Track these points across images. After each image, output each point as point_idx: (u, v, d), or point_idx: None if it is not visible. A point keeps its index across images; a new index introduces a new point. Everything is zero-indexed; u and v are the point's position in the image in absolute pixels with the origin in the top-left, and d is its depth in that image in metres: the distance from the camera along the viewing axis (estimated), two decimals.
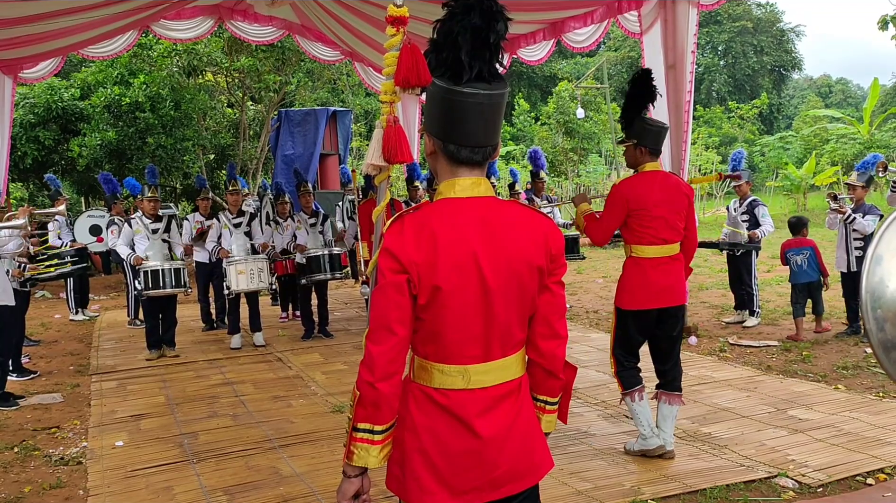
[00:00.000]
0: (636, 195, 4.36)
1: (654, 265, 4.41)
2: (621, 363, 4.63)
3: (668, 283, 4.43)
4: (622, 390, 4.63)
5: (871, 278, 1.71)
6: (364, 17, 8.83)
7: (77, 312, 10.99)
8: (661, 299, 4.43)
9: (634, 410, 4.60)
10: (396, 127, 2.06)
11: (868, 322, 1.73)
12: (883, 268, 1.72)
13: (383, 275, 1.87)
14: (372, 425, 1.90)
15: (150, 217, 7.99)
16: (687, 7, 7.43)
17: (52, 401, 6.55)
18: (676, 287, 4.47)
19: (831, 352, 7.12)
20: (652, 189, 4.35)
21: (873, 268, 1.72)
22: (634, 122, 4.44)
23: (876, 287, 1.71)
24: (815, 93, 57.37)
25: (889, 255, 1.73)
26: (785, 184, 26.93)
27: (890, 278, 1.73)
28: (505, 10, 1.86)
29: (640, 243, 4.43)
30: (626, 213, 4.38)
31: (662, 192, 4.36)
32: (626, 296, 4.50)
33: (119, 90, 15.07)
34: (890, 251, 1.73)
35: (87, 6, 7.35)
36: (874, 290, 1.71)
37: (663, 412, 4.62)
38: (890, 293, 1.72)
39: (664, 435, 4.59)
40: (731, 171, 8.95)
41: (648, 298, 4.42)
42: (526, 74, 41.21)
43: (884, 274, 1.72)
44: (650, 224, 4.36)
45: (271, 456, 4.92)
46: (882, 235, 1.73)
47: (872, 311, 1.72)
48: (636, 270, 4.47)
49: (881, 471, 4.26)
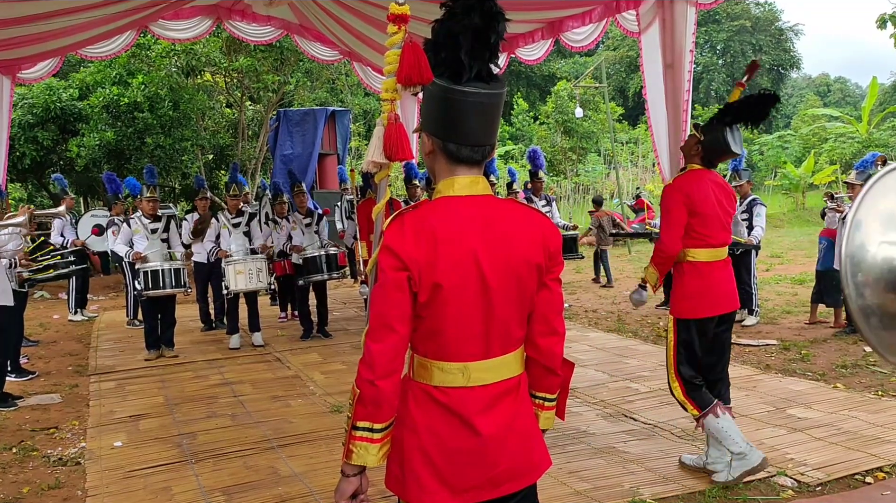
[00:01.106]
0: (698, 194, 4.11)
1: (713, 269, 4.21)
2: (689, 382, 4.25)
3: (729, 288, 4.27)
4: (698, 412, 4.20)
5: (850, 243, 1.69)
6: (363, 16, 8.81)
7: (76, 312, 10.97)
8: (724, 304, 4.23)
9: (721, 428, 4.13)
10: (398, 125, 2.05)
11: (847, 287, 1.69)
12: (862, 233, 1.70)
13: (384, 273, 1.87)
14: (371, 423, 1.90)
15: (149, 217, 7.98)
16: (685, 6, 7.42)
17: (50, 401, 6.54)
18: (734, 290, 4.31)
19: (830, 350, 7.12)
20: (707, 189, 4.16)
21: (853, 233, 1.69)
22: (719, 127, 4.19)
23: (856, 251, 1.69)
24: (813, 92, 57.40)
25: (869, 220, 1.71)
26: (784, 183, 26.97)
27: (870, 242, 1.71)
28: (503, 11, 1.86)
29: (697, 246, 4.19)
30: (689, 211, 4.13)
31: (715, 192, 4.19)
32: (686, 303, 4.22)
33: (117, 90, 15.07)
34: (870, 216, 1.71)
35: (85, 6, 7.33)
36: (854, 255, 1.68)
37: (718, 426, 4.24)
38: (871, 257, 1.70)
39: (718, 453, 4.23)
40: (732, 171, 8.96)
41: (713, 304, 4.19)
42: (525, 74, 41.18)
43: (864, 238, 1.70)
44: (707, 225, 4.16)
45: (270, 456, 4.91)
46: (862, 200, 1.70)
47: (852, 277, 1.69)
48: (696, 275, 4.21)
49: (880, 470, 4.27)
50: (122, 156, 15.37)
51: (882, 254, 1.70)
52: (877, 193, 1.71)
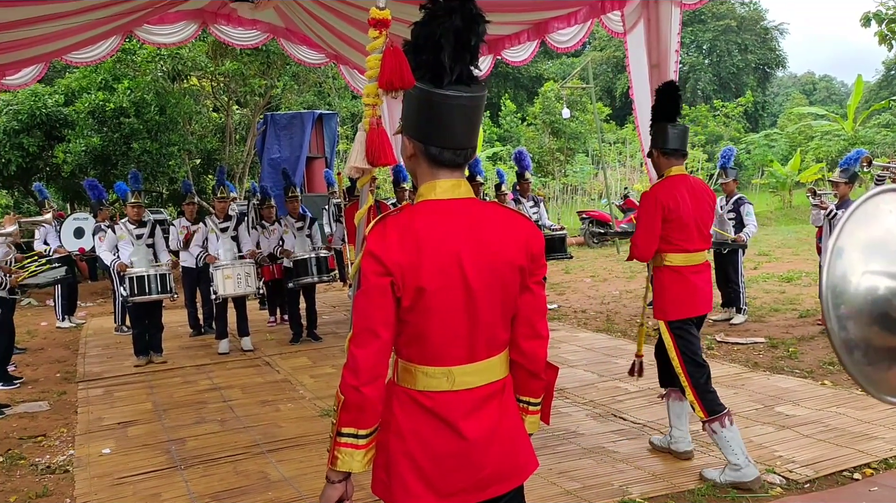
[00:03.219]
0: (673, 201, 4.20)
1: (692, 272, 4.33)
2: (699, 384, 4.28)
3: (707, 290, 4.41)
4: (705, 416, 4.20)
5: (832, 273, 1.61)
6: (348, 19, 8.81)
7: (64, 319, 10.91)
8: (702, 306, 4.38)
9: (725, 438, 4.15)
10: (380, 129, 2.05)
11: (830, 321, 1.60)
12: (844, 262, 1.62)
13: (366, 279, 1.86)
14: (356, 429, 1.90)
15: (135, 223, 7.94)
16: (670, 6, 7.45)
17: (38, 409, 6.50)
18: (710, 293, 4.47)
19: (817, 348, 7.16)
20: (683, 195, 4.23)
21: (834, 261, 1.61)
22: (658, 126, 4.35)
23: (838, 282, 1.61)
24: (799, 90, 57.71)
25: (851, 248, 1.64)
26: (770, 181, 27.11)
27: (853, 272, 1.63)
28: (484, 13, 1.87)
29: (674, 251, 4.30)
30: (663, 219, 4.22)
31: (692, 198, 4.26)
32: (673, 306, 4.33)
33: (103, 96, 14.99)
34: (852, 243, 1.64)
35: (70, 12, 7.30)
36: (836, 286, 1.61)
37: (676, 410, 4.56)
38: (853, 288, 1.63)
39: (681, 433, 4.54)
40: (720, 168, 9.01)
41: (694, 306, 4.34)
42: (512, 75, 41.23)
43: (846, 268, 1.63)
44: (683, 231, 4.25)
45: (259, 461, 4.90)
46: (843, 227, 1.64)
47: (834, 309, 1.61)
48: (677, 279, 4.31)
49: (867, 466, 4.29)
50: (108, 161, 15.28)
51: (865, 285, 1.65)
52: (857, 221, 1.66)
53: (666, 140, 4.30)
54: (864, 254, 1.66)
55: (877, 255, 1.68)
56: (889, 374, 1.72)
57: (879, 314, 1.65)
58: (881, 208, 1.71)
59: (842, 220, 1.66)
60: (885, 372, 1.71)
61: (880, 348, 1.69)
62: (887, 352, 1.70)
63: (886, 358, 1.71)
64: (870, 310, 1.65)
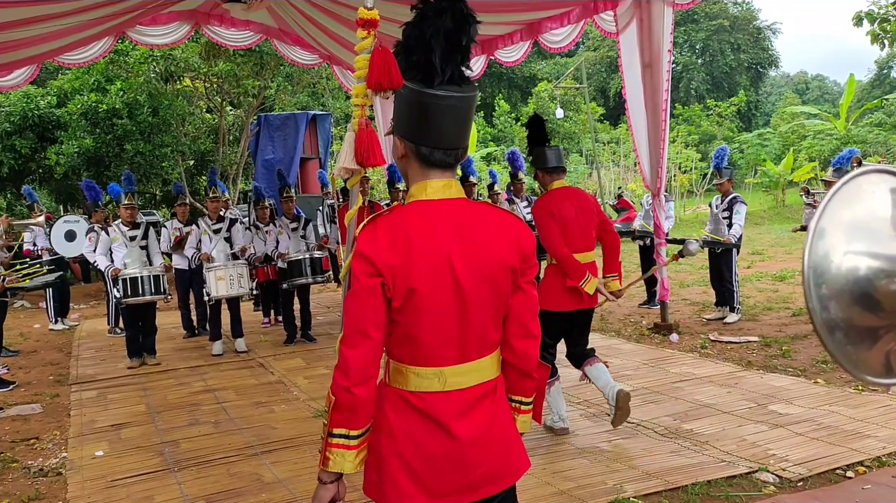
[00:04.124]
0: (557, 209, 4.78)
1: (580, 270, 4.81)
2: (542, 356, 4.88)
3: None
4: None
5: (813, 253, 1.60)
6: (340, 19, 8.81)
7: (56, 322, 10.88)
8: (582, 301, 4.85)
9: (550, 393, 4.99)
10: (368, 130, 2.05)
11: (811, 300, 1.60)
12: (826, 243, 1.62)
13: (357, 279, 1.86)
14: (348, 430, 1.90)
15: (128, 224, 7.91)
16: (662, 6, 7.48)
17: (31, 411, 6.48)
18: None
19: (811, 346, 7.17)
20: (565, 204, 4.83)
21: (816, 243, 1.60)
22: (536, 150, 4.98)
23: (819, 262, 1.61)
24: (792, 89, 57.92)
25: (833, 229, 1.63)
26: (763, 180, 27.19)
27: (835, 252, 1.63)
28: (475, 14, 1.87)
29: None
30: (556, 223, 4.78)
31: (574, 206, 4.85)
32: (548, 297, 4.78)
33: (96, 97, 14.96)
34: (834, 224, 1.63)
35: (62, 13, 7.28)
36: (817, 266, 1.61)
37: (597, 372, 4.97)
38: (835, 268, 1.62)
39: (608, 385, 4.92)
40: (714, 169, 9.02)
41: (570, 301, 4.84)
42: (506, 75, 41.23)
43: (828, 248, 1.62)
44: (566, 236, 4.79)
45: (253, 462, 4.89)
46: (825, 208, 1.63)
47: (816, 289, 1.60)
48: (558, 276, 4.86)
49: (860, 464, 4.30)
50: (101, 163, 15.26)
51: (847, 265, 1.65)
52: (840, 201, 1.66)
53: (546, 161, 4.95)
54: (846, 235, 1.67)
55: (859, 236, 1.68)
56: (869, 354, 1.72)
57: (861, 294, 1.66)
58: (864, 189, 1.71)
59: (824, 201, 1.66)
60: (866, 351, 1.72)
61: (861, 328, 1.70)
62: (868, 331, 1.71)
63: (867, 337, 1.71)
64: (851, 290, 1.65)
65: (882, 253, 1.68)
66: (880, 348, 1.73)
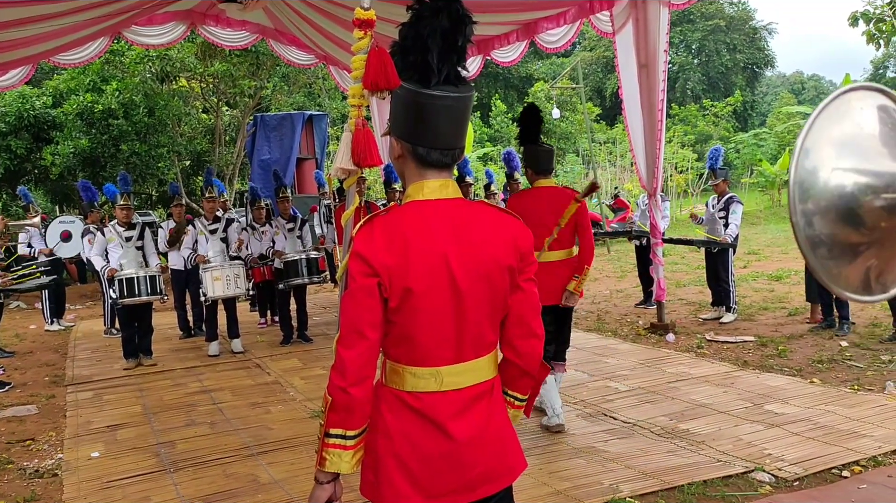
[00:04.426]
0: (523, 208, 4.86)
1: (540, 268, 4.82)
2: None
3: (553, 285, 4.96)
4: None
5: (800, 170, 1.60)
6: (337, 20, 8.80)
7: (52, 322, 10.85)
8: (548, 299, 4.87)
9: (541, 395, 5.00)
10: (365, 130, 2.05)
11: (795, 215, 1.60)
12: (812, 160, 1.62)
13: (354, 280, 1.86)
14: (344, 430, 1.89)
15: (124, 225, 7.89)
16: (658, 7, 7.50)
17: (26, 412, 6.46)
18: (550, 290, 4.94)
19: (806, 346, 7.19)
20: (539, 203, 4.98)
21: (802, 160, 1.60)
22: (527, 147, 5.11)
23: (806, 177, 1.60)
24: (788, 89, 58.01)
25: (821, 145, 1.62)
26: (759, 180, 27.23)
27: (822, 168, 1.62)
28: (471, 14, 1.86)
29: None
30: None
31: (548, 205, 4.98)
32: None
33: (91, 97, 14.92)
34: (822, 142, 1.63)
35: (57, 13, 7.27)
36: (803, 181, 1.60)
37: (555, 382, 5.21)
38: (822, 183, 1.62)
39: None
40: (709, 170, 9.04)
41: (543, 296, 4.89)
42: (502, 76, 41.24)
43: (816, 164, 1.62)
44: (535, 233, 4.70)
45: (249, 463, 4.89)
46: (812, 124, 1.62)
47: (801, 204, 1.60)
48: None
49: (856, 464, 4.31)
50: (97, 163, 15.22)
51: (834, 181, 1.64)
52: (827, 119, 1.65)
53: (538, 163, 5.10)
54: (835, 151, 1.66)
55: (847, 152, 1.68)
56: (849, 269, 1.73)
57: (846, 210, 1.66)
58: (853, 105, 1.71)
59: (811, 117, 1.65)
60: (846, 267, 1.73)
61: (844, 244, 1.70)
62: (850, 247, 1.72)
63: (848, 253, 1.72)
64: (836, 206, 1.65)
65: (870, 169, 1.68)
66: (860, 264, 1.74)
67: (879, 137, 1.72)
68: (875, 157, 1.69)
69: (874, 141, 1.72)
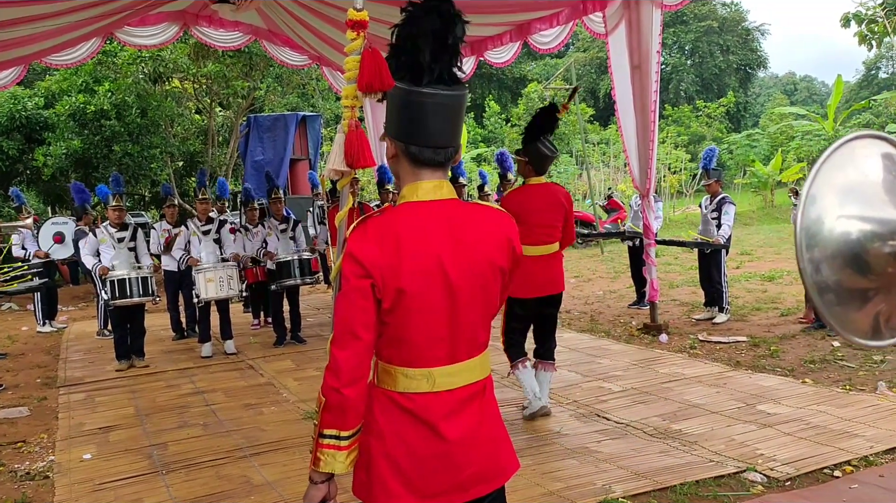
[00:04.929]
0: (518, 205, 5.01)
1: (536, 262, 5.08)
2: (508, 343, 5.40)
3: (549, 277, 5.22)
4: (510, 362, 5.42)
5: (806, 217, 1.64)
6: (330, 20, 8.80)
7: (44, 324, 10.81)
8: (544, 289, 5.21)
9: (519, 377, 5.42)
10: (358, 131, 2.05)
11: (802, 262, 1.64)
12: (818, 207, 1.66)
13: (347, 281, 1.86)
14: (338, 431, 1.90)
15: (116, 226, 7.87)
16: (651, 8, 7.51)
17: (18, 414, 6.43)
18: (554, 279, 5.26)
19: (799, 346, 7.21)
20: (533, 199, 5.13)
21: (808, 208, 1.64)
22: (532, 142, 5.15)
23: (811, 225, 1.65)
24: (780, 90, 58.25)
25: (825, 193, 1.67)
26: (752, 181, 27.32)
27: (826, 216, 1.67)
28: (462, 14, 1.87)
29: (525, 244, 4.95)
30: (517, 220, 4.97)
31: (543, 201, 5.14)
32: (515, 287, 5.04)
33: (84, 98, 14.88)
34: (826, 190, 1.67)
35: (50, 14, 7.25)
36: (809, 229, 1.64)
37: (541, 378, 5.43)
38: (827, 231, 1.66)
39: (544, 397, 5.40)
40: (702, 170, 9.06)
41: (533, 288, 5.15)
42: (496, 76, 41.30)
43: (820, 212, 1.66)
44: (530, 229, 4.96)
45: (242, 464, 4.88)
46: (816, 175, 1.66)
47: (808, 251, 1.64)
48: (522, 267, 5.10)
49: (848, 464, 4.32)
50: (89, 164, 15.17)
51: (839, 229, 1.67)
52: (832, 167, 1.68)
53: (542, 164, 5.24)
54: (838, 199, 1.70)
55: (851, 200, 1.72)
56: (858, 315, 1.76)
57: (852, 256, 1.69)
58: (857, 153, 1.74)
59: (817, 164, 1.68)
60: (855, 312, 1.75)
61: (852, 290, 1.73)
62: (858, 293, 1.75)
63: (857, 299, 1.75)
64: (843, 252, 1.68)
65: (874, 216, 1.71)
66: (869, 310, 1.76)
67: (883, 185, 1.75)
68: (879, 205, 1.72)
69: (878, 188, 1.75)
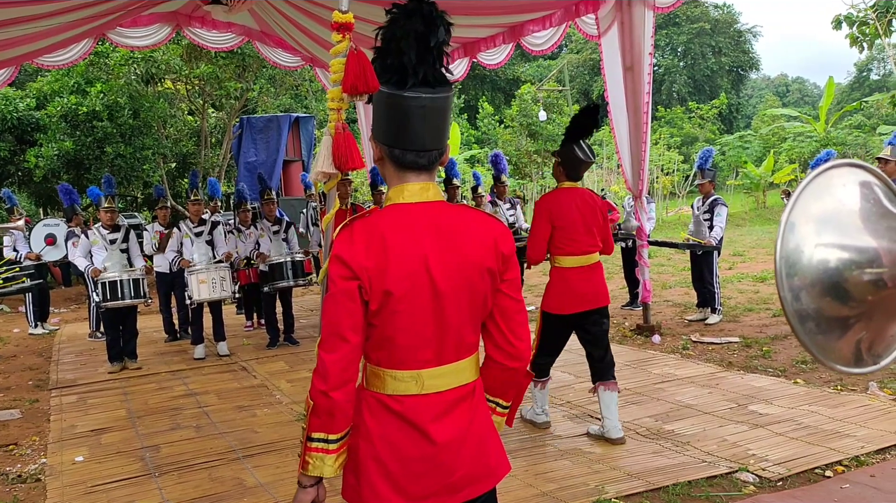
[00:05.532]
0: (559, 210, 4.76)
1: (577, 273, 4.84)
2: (536, 361, 5.05)
3: (591, 289, 4.86)
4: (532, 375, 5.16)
5: (785, 245, 1.65)
6: (321, 21, 8.78)
7: (36, 326, 10.77)
8: (588, 302, 4.85)
9: (534, 395, 5.22)
10: (346, 134, 2.05)
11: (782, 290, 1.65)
12: (797, 235, 1.67)
13: (334, 283, 1.86)
14: (326, 434, 1.89)
15: (108, 227, 7.85)
16: (643, 9, 7.52)
17: (9, 417, 6.41)
18: (598, 291, 4.89)
19: (790, 346, 7.23)
20: (572, 205, 4.79)
21: (787, 235, 1.66)
22: (569, 145, 4.83)
23: (791, 254, 1.66)
24: (772, 92, 58.47)
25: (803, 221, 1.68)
26: (745, 182, 27.39)
27: (805, 244, 1.68)
28: (446, 16, 1.86)
29: (562, 254, 4.83)
30: (552, 226, 4.74)
31: (581, 207, 4.80)
32: (552, 301, 4.91)
33: (76, 99, 14.83)
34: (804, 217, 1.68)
35: (41, 15, 7.22)
36: (789, 257, 1.65)
37: (605, 400, 4.91)
38: (806, 259, 1.67)
39: (610, 422, 4.89)
40: (697, 170, 9.08)
41: (575, 303, 4.84)
42: (489, 78, 41.34)
43: (799, 240, 1.67)
44: (569, 236, 4.78)
45: (235, 467, 4.87)
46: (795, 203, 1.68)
47: (788, 280, 1.66)
48: (560, 279, 4.87)
49: (839, 464, 4.34)
50: (81, 165, 15.12)
51: (817, 257, 1.68)
52: (810, 195, 1.69)
53: (575, 169, 4.87)
54: (816, 227, 1.71)
55: (829, 228, 1.73)
56: (839, 343, 1.77)
57: (831, 285, 1.70)
58: (834, 182, 1.75)
59: (795, 193, 1.70)
60: (836, 341, 1.76)
61: (832, 318, 1.74)
62: (838, 321, 1.75)
63: (838, 327, 1.76)
64: (822, 281, 1.69)
65: (852, 244, 1.72)
66: (850, 337, 1.77)
67: (860, 213, 1.77)
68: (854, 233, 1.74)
69: (855, 217, 1.76)
